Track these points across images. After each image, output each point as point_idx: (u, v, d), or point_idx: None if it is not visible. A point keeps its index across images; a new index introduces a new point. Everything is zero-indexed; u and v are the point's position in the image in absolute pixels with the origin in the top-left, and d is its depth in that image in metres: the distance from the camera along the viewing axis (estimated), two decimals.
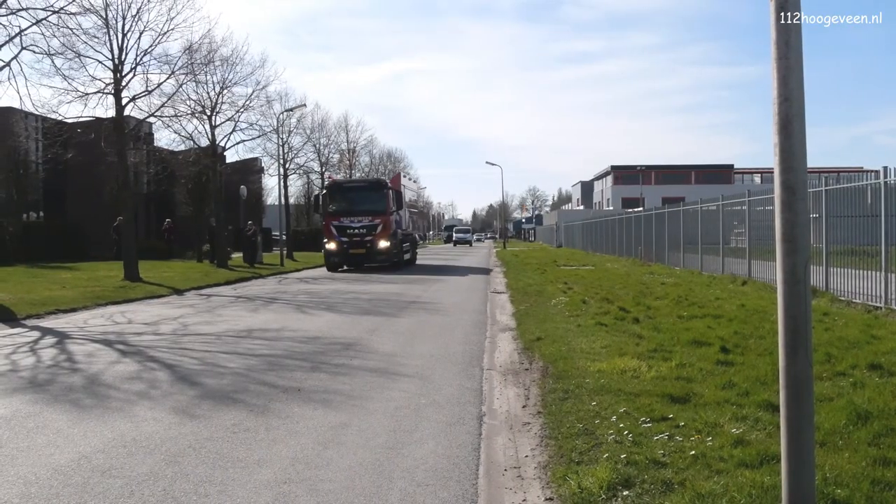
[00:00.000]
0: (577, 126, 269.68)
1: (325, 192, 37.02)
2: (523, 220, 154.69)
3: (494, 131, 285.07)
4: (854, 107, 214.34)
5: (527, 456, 6.33)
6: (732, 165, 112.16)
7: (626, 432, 6.40)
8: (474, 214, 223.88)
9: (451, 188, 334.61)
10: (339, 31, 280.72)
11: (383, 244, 34.76)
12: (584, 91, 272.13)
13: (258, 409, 7.97)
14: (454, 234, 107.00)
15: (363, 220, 34.62)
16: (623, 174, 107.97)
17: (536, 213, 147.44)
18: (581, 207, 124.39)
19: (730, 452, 5.77)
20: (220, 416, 7.67)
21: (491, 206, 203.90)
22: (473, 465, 6.13)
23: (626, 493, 5.13)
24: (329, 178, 47.80)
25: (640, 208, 49.09)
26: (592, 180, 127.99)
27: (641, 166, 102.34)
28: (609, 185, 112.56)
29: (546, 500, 5.33)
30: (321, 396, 8.60)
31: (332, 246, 35.15)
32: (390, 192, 36.09)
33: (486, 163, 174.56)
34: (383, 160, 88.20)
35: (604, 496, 5.10)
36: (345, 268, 36.00)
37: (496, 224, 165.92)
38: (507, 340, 12.78)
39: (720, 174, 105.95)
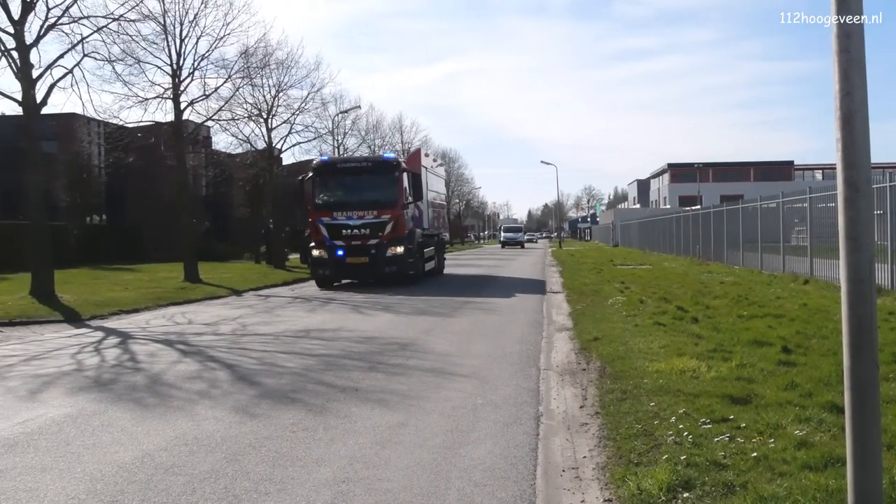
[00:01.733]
0: (632, 124, 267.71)
1: (310, 176, 26.15)
2: (579, 220, 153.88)
3: (549, 130, 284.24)
4: None
5: (585, 457, 6.29)
6: (792, 162, 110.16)
7: (685, 433, 6.32)
8: (529, 214, 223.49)
9: (506, 188, 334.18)
10: (392, 33, 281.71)
11: (394, 249, 25.03)
12: (638, 88, 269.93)
13: (316, 409, 8.03)
14: (502, 234, 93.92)
15: (365, 215, 24.98)
16: (680, 172, 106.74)
17: (592, 212, 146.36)
18: (637, 206, 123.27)
19: (793, 455, 5.67)
20: (279, 416, 7.74)
21: (546, 206, 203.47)
22: (531, 466, 6.10)
23: (686, 495, 5.07)
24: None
25: (698, 206, 48.54)
26: (649, 178, 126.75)
27: (698, 164, 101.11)
28: (666, 183, 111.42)
29: (605, 501, 5.29)
30: (378, 396, 8.64)
31: (320, 253, 25.30)
32: (404, 175, 25.99)
33: (541, 162, 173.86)
34: (438, 160, 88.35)
35: (663, 498, 5.04)
36: (341, 282, 26.91)
37: (551, 223, 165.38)
38: (564, 340, 12.71)
39: (780, 171, 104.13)
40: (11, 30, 20.13)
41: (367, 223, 24.99)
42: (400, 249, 25.15)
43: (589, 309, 16.57)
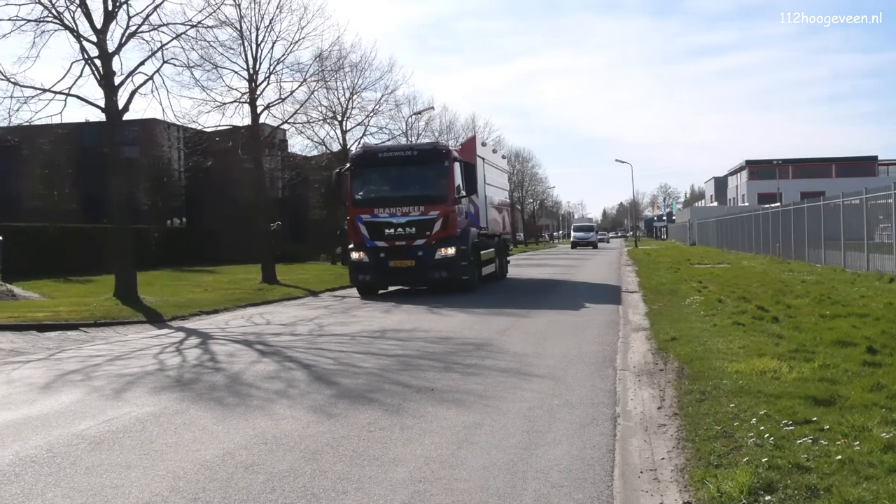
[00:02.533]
0: (709, 120, 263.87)
1: (348, 167, 23.49)
2: (654, 218, 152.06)
3: (624, 128, 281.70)
4: None
5: (663, 458, 6.21)
6: (876, 157, 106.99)
7: (766, 435, 6.19)
8: (604, 213, 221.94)
9: (581, 187, 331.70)
10: (465, 33, 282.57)
11: (444, 252, 21.99)
12: (715, 84, 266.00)
13: (393, 409, 8.08)
14: (572, 234, 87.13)
15: (410, 212, 22.13)
16: (758, 169, 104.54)
17: (668, 210, 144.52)
18: (715, 204, 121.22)
19: (879, 458, 5.51)
20: (356, 415, 7.81)
21: (621, 205, 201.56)
22: (608, 467, 6.05)
23: (767, 498, 4.97)
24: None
25: (777, 204, 47.53)
26: (726, 176, 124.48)
27: (778, 160, 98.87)
28: (744, 180, 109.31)
29: (684, 503, 5.22)
30: (454, 396, 8.66)
31: (360, 256, 22.54)
32: (456, 165, 22.91)
33: (616, 160, 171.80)
34: (511, 160, 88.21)
35: (744, 501, 4.95)
36: (388, 289, 24.25)
37: (627, 222, 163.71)
38: (641, 340, 12.57)
39: (863, 166, 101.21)
40: (94, 38, 20.70)
41: (412, 221, 22.06)
42: (451, 251, 22.01)
43: (666, 308, 16.37)
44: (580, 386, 9.11)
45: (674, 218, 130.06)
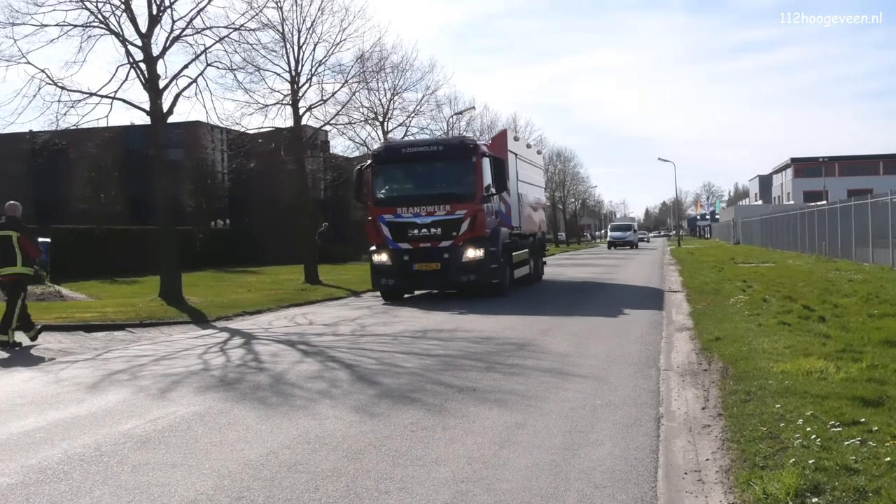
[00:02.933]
0: (752, 118, 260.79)
1: (370, 164, 22.20)
2: (698, 217, 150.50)
3: (666, 127, 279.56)
4: None
5: (707, 459, 6.15)
6: None
7: (813, 436, 6.11)
8: (647, 212, 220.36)
9: (623, 186, 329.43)
10: (506, 33, 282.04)
11: (471, 253, 20.59)
12: (759, 81, 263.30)
13: (435, 409, 8.09)
14: (609, 233, 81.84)
15: (436, 211, 20.80)
16: (804, 166, 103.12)
17: (711, 209, 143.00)
18: (759, 202, 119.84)
19: None
20: (398, 415, 7.83)
21: (664, 204, 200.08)
22: (652, 468, 6.00)
23: (814, 500, 4.90)
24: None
25: (824, 202, 46.87)
26: (771, 174, 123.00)
27: (823, 157, 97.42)
28: (789, 178, 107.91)
29: None
30: (496, 396, 8.65)
31: (382, 258, 21.30)
32: (484, 160, 21.37)
33: (658, 159, 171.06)
34: (553, 160, 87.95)
35: (791, 503, 4.89)
36: (414, 293, 23.10)
37: (669, 221, 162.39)
38: (684, 340, 12.46)
39: None
40: (139, 43, 20.99)
41: (437, 221, 20.74)
42: (479, 253, 20.60)
43: (710, 308, 16.22)
44: (623, 386, 9.06)
45: (717, 217, 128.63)
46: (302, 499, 5.46)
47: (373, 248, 21.62)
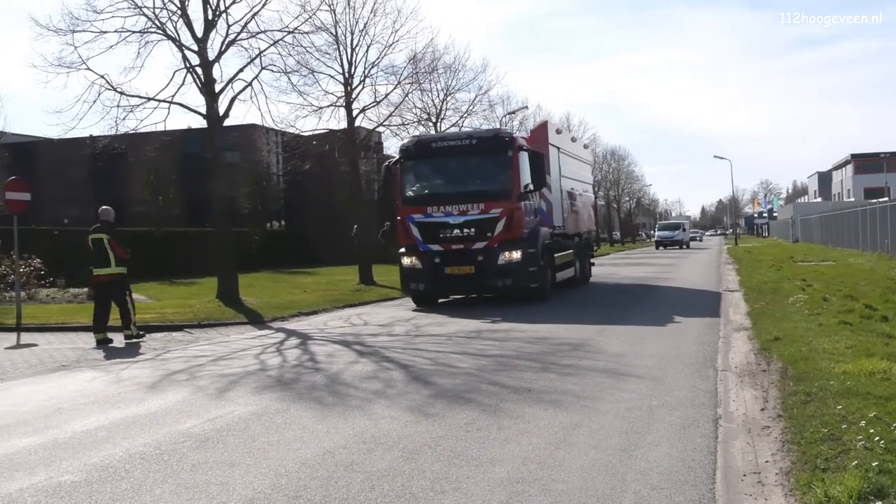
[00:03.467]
0: (811, 114, 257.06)
1: (399, 161, 20.89)
2: (755, 215, 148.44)
3: (722, 124, 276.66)
4: None
5: (767, 461, 6.06)
6: None
7: (876, 438, 5.98)
8: (703, 210, 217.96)
9: (678, 185, 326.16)
10: (558, 32, 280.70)
11: (508, 256, 19.09)
12: (818, 76, 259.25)
13: (490, 409, 8.08)
14: (656, 233, 76.23)
15: (468, 210, 19.26)
16: (865, 163, 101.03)
17: (769, 207, 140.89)
18: (818, 200, 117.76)
19: None
20: (453, 415, 7.83)
21: (720, 202, 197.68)
22: (710, 470, 5.93)
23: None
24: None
25: (885, 198, 45.91)
26: (830, 170, 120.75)
27: (885, 153, 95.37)
28: (849, 174, 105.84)
29: None
30: (551, 397, 8.61)
31: (411, 261, 19.83)
32: (521, 155, 19.80)
33: (714, 157, 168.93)
34: (606, 158, 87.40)
35: None
36: (449, 297, 21.69)
37: (726, 220, 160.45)
38: (742, 340, 12.29)
39: None
40: (195, 48, 21.33)
41: (470, 220, 19.19)
42: (516, 255, 19.08)
43: (768, 308, 15.97)
44: (680, 387, 8.96)
45: (775, 214, 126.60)
46: (358, 498, 5.49)
47: (402, 250, 20.19)
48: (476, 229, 19.14)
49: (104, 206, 15.72)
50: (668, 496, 5.38)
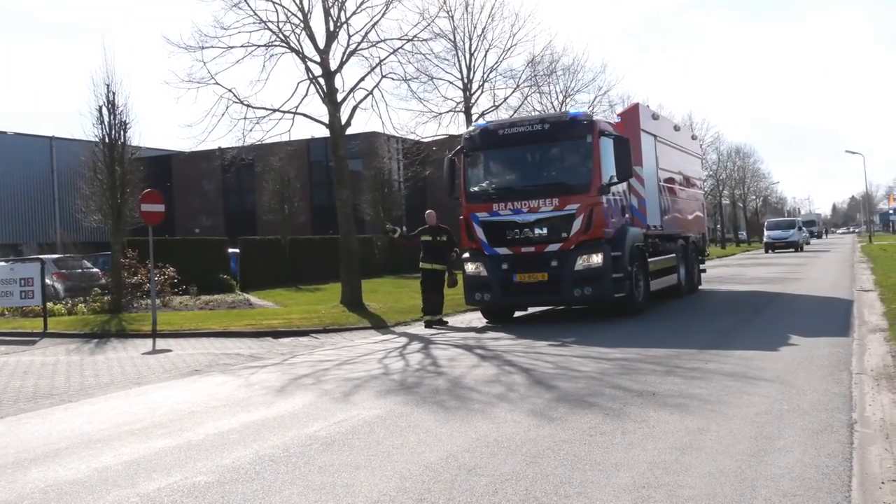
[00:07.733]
0: None
1: (461, 151, 18.13)
2: (891, 212, 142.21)
3: (855, 117, 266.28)
4: None
5: None
6: None
7: None
8: (834, 208, 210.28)
9: (807, 182, 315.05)
10: (679, 29, 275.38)
11: (587, 260, 15.95)
12: None
13: (613, 413, 7.98)
14: (766, 233, 65.56)
15: (540, 206, 16.37)
16: None
17: None
18: None
19: None
20: (576, 419, 7.77)
21: (853, 198, 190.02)
22: (845, 477, 5.70)
23: None
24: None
25: None
26: None
27: None
28: None
29: None
30: (676, 401, 8.45)
31: (476, 267, 17.09)
32: (603, 141, 16.53)
33: (846, 152, 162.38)
34: (731, 156, 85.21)
35: None
36: (527, 310, 19.16)
37: (859, 217, 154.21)
38: (879, 342, 11.78)
39: None
40: (318, 59, 21.80)
41: (543, 218, 16.32)
42: (597, 259, 15.90)
43: None
44: (812, 390, 8.65)
45: None
46: (481, 502, 5.51)
47: (465, 254, 17.66)
48: (549, 229, 16.33)
49: (428, 211, 19.58)
50: (802, 503, 5.20)
